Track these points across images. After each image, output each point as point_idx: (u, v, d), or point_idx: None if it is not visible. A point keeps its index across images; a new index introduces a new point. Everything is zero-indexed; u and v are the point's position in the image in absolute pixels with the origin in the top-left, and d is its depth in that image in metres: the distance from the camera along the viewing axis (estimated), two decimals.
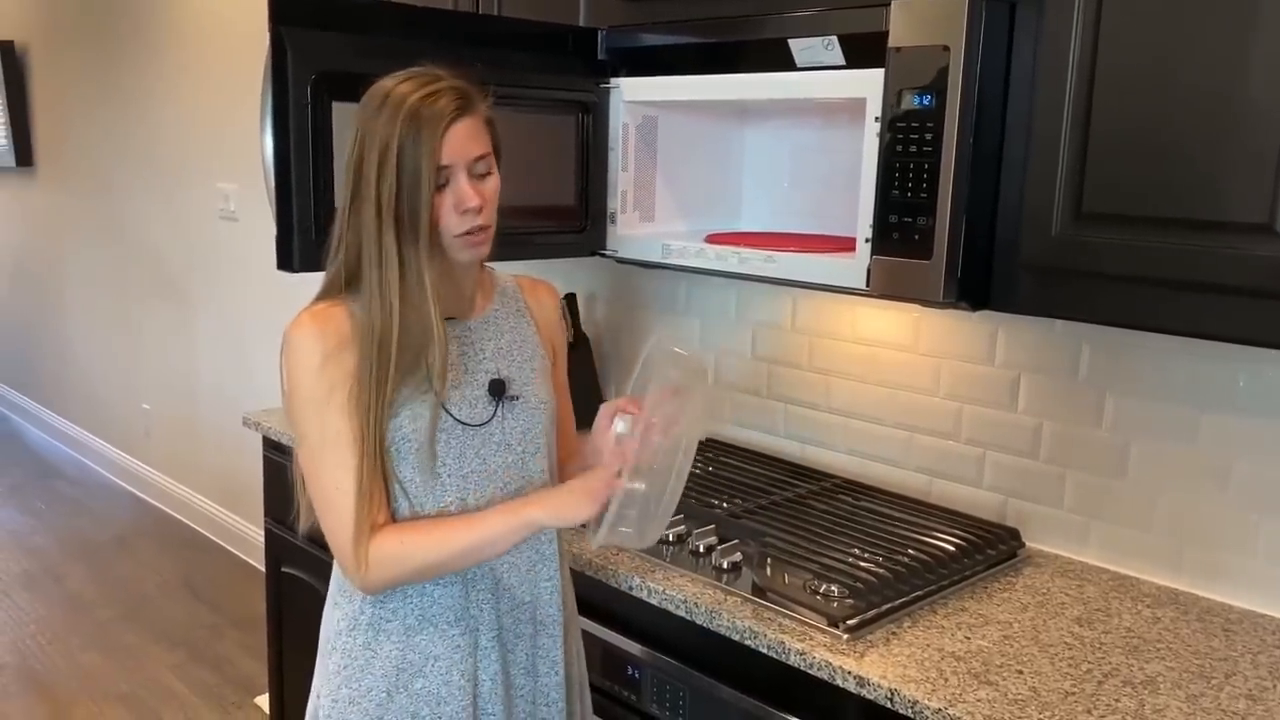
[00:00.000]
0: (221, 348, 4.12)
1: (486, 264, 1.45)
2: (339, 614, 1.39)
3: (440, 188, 1.26)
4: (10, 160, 5.43)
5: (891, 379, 2.01)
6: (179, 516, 4.51)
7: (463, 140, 1.26)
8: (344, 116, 1.58)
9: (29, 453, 5.46)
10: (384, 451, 1.30)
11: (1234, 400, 1.60)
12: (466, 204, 1.26)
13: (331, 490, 1.29)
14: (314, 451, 1.30)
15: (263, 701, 3.03)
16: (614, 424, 1.36)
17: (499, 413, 1.38)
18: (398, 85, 1.27)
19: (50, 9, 5.04)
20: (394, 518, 1.33)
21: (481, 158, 1.29)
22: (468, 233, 1.29)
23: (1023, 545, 1.80)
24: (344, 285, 1.30)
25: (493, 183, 1.31)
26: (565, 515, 1.29)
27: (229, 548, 4.17)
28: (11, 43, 5.31)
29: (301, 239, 1.59)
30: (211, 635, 3.50)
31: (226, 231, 3.94)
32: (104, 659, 3.35)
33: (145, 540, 4.30)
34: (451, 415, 1.34)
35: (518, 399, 1.40)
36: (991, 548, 1.75)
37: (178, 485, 4.52)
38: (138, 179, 4.52)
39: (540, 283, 1.54)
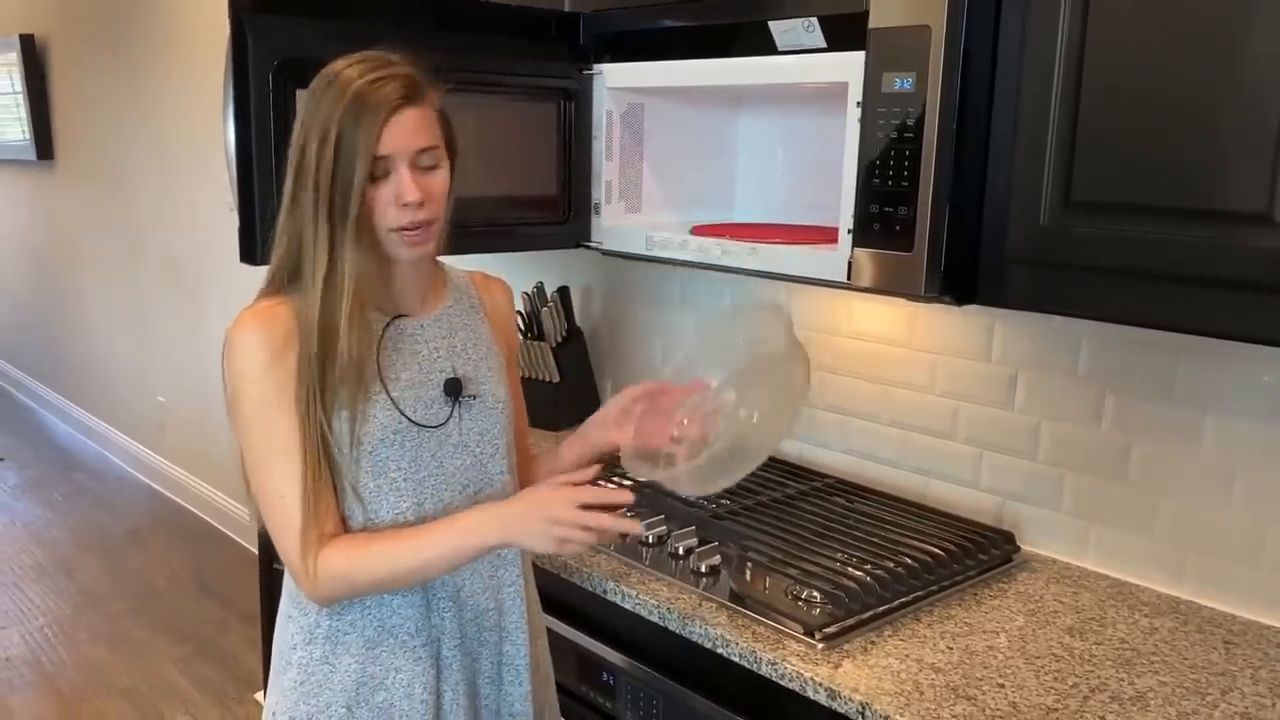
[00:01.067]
0: None
1: (439, 259, 1.40)
2: (294, 627, 1.33)
3: (378, 178, 1.20)
4: (31, 154, 5.46)
5: (887, 376, 1.94)
6: (192, 509, 4.51)
7: (407, 131, 1.20)
8: None
9: (52, 445, 5.50)
10: (330, 457, 1.24)
11: (1240, 401, 1.52)
12: (405, 197, 1.20)
13: (276, 500, 1.23)
14: (259, 459, 1.24)
15: (262, 697, 3.01)
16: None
17: (455, 413, 1.33)
18: (346, 68, 1.22)
19: (70, 3, 5.06)
20: (347, 526, 1.27)
21: (427, 150, 1.22)
22: (405, 228, 1.23)
23: (1017, 549, 1.72)
24: (286, 281, 1.25)
25: (440, 177, 1.25)
26: (522, 542, 1.24)
27: (241, 541, 4.16)
28: (32, 36, 5.33)
29: (265, 231, 1.54)
30: (218, 630, 3.49)
31: (234, 224, 3.91)
32: (110, 653, 3.35)
33: (159, 533, 4.31)
34: (406, 416, 1.28)
35: (475, 398, 1.34)
36: (984, 552, 1.68)
37: (191, 478, 4.53)
38: (150, 171, 4.53)
39: (494, 279, 1.48)
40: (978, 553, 1.67)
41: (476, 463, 1.35)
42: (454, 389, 1.33)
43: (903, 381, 1.91)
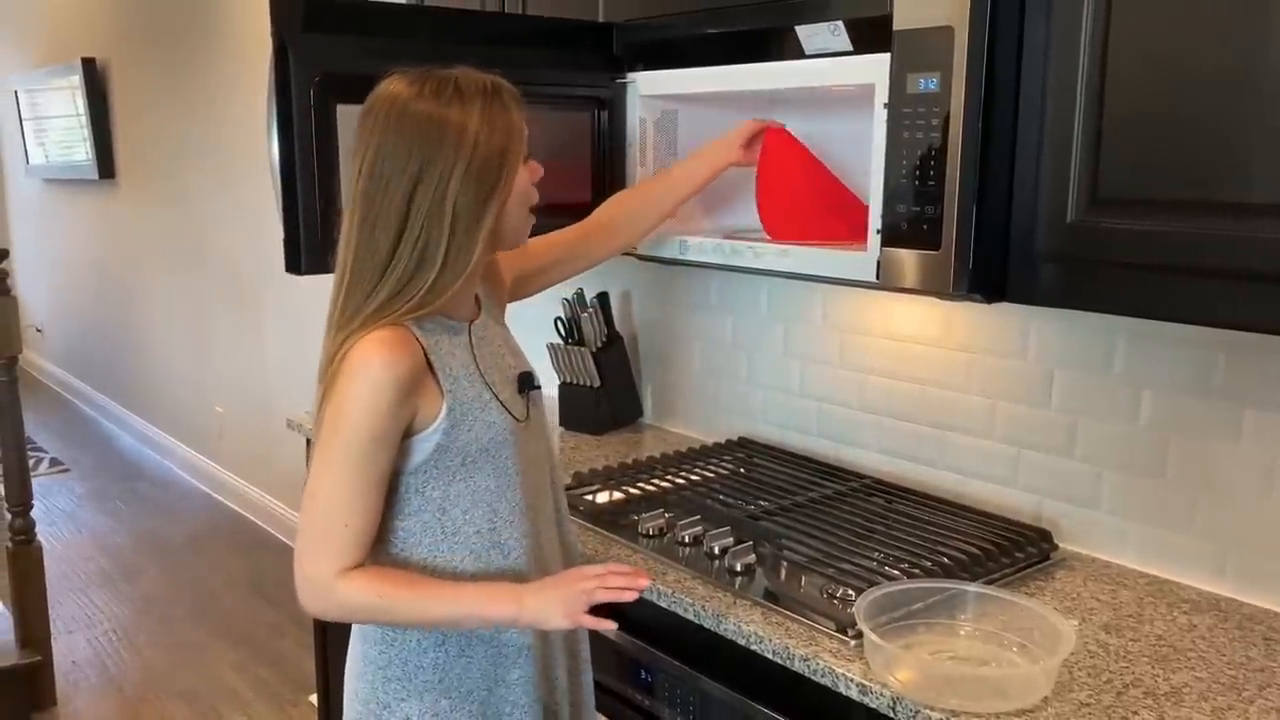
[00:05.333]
0: (289, 351, 4.20)
1: None
2: (419, 635, 1.34)
3: (525, 160, 1.32)
4: (94, 173, 5.63)
5: (923, 375, 1.94)
6: (250, 516, 4.62)
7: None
8: (348, 119, 1.58)
9: (115, 455, 5.66)
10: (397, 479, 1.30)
11: (1278, 395, 1.50)
12: (540, 172, 1.34)
13: (340, 527, 1.25)
14: (341, 483, 1.24)
15: (315, 699, 3.08)
16: None
17: (528, 404, 1.40)
18: (449, 82, 1.26)
19: (128, 26, 5.22)
20: (391, 544, 1.32)
21: None
22: (535, 206, 1.36)
23: (1055, 548, 1.72)
24: (392, 296, 1.25)
25: None
26: (545, 623, 1.29)
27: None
28: (93, 60, 5.50)
29: (308, 242, 1.60)
30: (273, 633, 3.57)
31: None
32: (170, 656, 3.44)
33: (217, 540, 4.41)
34: (514, 416, 1.35)
35: (539, 387, 1.43)
36: (1020, 550, 1.68)
37: (249, 486, 4.63)
38: (208, 187, 4.65)
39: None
40: (1015, 551, 1.67)
41: (546, 446, 1.45)
42: (528, 382, 1.41)
43: (939, 381, 1.92)
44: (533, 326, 2.68)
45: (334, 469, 1.25)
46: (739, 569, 1.62)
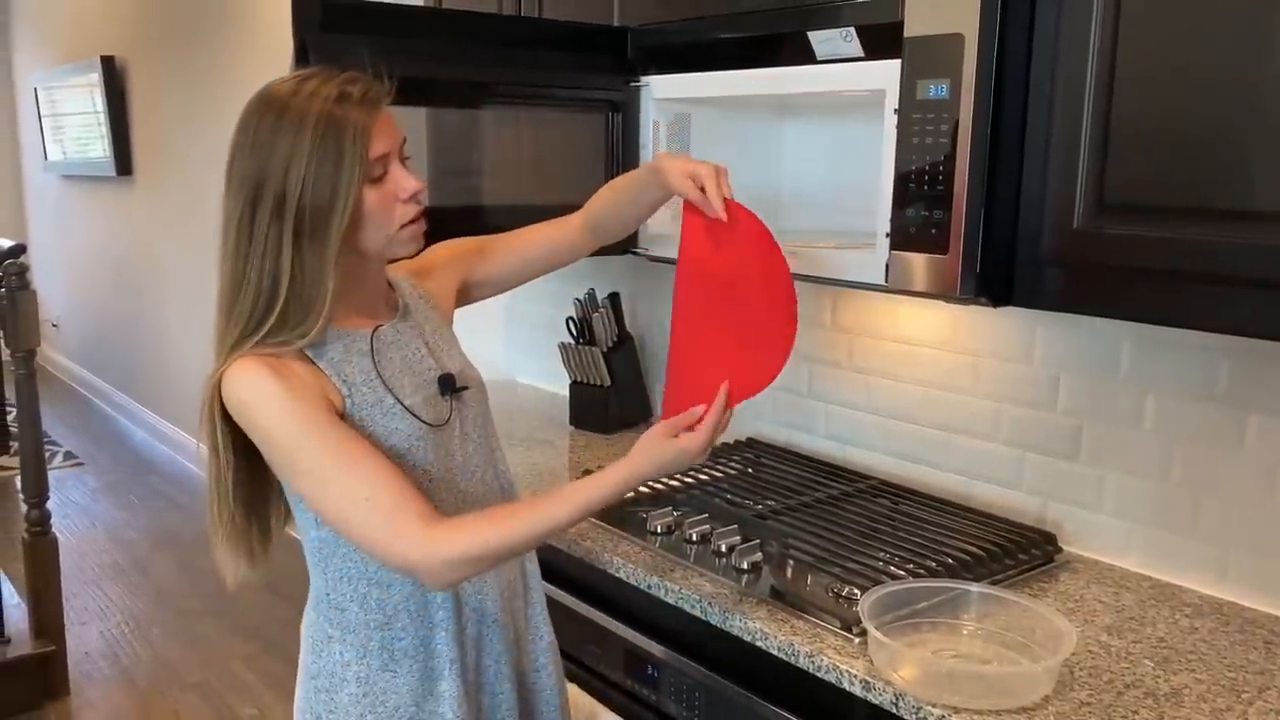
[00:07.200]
0: None
1: None
2: (342, 646, 1.34)
3: (374, 181, 1.23)
4: (111, 170, 5.68)
5: (930, 378, 1.96)
6: None
7: (390, 126, 1.25)
8: None
9: (130, 450, 5.71)
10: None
11: (1279, 400, 1.52)
12: (410, 189, 1.25)
13: (363, 504, 1.19)
14: (326, 476, 1.20)
15: None
16: None
17: (453, 407, 1.38)
18: (292, 88, 1.22)
19: (147, 24, 5.27)
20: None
21: (404, 141, 1.27)
22: (412, 220, 1.28)
23: (1059, 550, 1.73)
24: (256, 326, 1.22)
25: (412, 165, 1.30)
26: (672, 469, 1.33)
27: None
28: (112, 58, 5.55)
29: None
30: (284, 627, 3.60)
31: None
32: (182, 649, 3.48)
33: None
34: (423, 421, 1.32)
35: (466, 389, 1.40)
36: (1024, 552, 1.69)
37: None
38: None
39: (421, 260, 1.47)
40: (1019, 553, 1.69)
41: (479, 449, 1.42)
42: (449, 385, 1.37)
43: (945, 384, 1.93)
44: (545, 326, 2.71)
45: (313, 474, 1.21)
46: (746, 567, 1.64)
